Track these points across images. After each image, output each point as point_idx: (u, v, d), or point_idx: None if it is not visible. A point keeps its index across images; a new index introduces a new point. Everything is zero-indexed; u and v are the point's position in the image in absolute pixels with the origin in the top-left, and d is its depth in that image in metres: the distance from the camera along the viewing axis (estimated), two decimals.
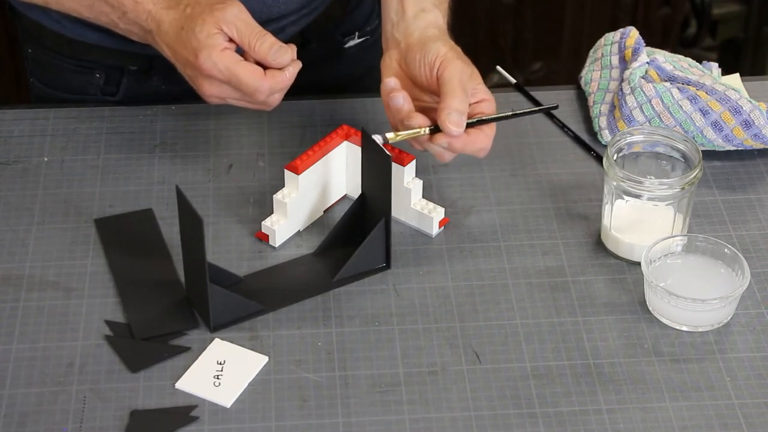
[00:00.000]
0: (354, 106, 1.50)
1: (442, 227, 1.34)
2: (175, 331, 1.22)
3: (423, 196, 1.35)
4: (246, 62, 1.29)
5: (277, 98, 1.31)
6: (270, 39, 1.29)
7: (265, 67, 1.30)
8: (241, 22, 1.29)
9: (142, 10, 1.33)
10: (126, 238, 1.32)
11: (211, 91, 1.30)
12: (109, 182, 1.40)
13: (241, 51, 1.30)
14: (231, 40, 1.29)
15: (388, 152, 1.23)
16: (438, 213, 1.33)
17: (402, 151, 1.31)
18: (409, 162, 1.31)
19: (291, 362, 1.20)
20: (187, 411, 1.15)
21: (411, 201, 1.33)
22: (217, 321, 1.22)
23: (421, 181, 1.33)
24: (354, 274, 1.28)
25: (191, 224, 1.18)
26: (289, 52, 1.30)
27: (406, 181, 1.32)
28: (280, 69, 1.30)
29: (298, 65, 1.31)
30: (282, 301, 1.26)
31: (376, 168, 1.25)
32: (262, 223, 1.32)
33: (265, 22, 1.49)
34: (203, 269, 1.18)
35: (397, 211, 1.33)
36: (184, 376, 1.18)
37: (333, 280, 1.28)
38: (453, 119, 1.25)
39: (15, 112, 1.49)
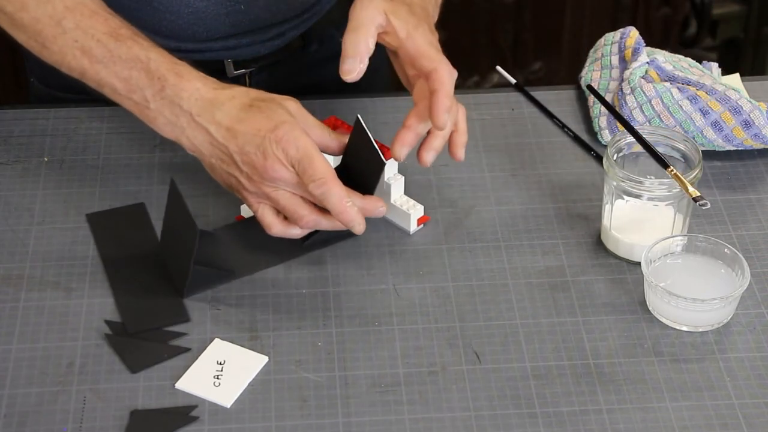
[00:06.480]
0: (354, 106, 1.50)
1: (422, 225, 1.33)
2: (167, 323, 1.22)
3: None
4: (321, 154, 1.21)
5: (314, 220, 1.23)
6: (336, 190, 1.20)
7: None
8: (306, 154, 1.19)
9: (190, 87, 1.22)
10: (118, 232, 1.32)
11: (274, 171, 1.20)
12: (109, 182, 1.40)
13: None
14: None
15: (383, 159, 1.22)
16: (417, 210, 1.32)
17: (383, 146, 1.28)
18: (391, 157, 1.29)
19: (291, 362, 1.20)
20: (187, 411, 1.15)
21: (391, 197, 1.32)
22: (191, 293, 1.25)
23: (403, 177, 1.32)
24: (325, 239, 1.29)
25: (183, 226, 1.19)
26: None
27: (388, 176, 1.32)
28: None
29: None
30: (253, 266, 1.28)
31: (365, 162, 1.23)
32: (241, 206, 1.32)
33: (268, 27, 1.49)
34: (187, 268, 1.22)
35: None
36: (184, 376, 1.18)
37: (303, 244, 1.29)
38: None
39: (15, 112, 1.49)
